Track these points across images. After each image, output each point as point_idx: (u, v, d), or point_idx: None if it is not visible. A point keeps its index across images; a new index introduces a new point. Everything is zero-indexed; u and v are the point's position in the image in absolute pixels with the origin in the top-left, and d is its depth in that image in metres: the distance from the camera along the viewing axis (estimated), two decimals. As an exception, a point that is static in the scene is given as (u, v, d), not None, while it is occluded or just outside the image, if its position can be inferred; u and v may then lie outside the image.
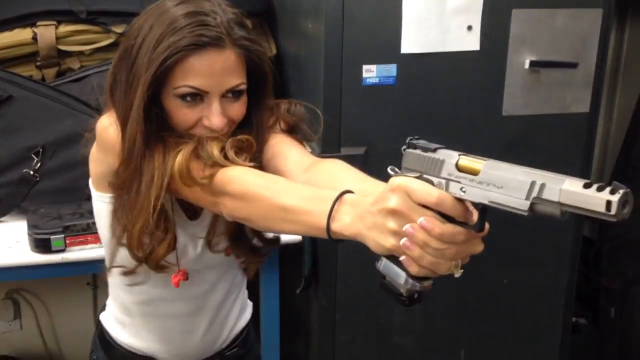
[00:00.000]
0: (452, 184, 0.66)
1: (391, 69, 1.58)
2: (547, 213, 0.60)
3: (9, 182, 1.73)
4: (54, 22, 1.84)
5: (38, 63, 1.84)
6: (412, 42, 1.56)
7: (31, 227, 1.57)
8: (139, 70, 0.93)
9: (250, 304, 1.34)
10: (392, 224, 0.68)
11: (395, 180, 0.68)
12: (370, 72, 1.57)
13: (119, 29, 1.86)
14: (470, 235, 0.68)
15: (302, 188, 0.84)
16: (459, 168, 0.66)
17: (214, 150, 0.92)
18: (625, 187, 0.56)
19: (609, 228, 2.24)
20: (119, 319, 1.22)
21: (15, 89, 1.75)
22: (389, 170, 0.74)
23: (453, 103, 1.64)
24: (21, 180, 1.72)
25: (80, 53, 1.87)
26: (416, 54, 1.57)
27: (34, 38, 1.82)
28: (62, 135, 1.73)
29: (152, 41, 0.92)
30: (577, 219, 1.79)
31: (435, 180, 0.67)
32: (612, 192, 0.55)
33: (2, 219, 1.73)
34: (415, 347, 1.81)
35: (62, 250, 1.55)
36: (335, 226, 0.75)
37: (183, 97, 0.94)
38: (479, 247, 0.71)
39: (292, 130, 1.08)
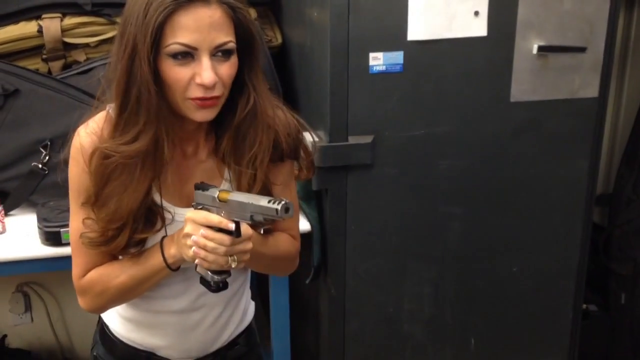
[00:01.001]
0: (216, 210, 1.01)
1: (398, 56, 1.57)
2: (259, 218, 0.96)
3: (17, 176, 1.73)
4: (59, 15, 1.84)
5: (44, 56, 1.84)
6: (418, 28, 1.55)
7: (41, 220, 1.58)
8: (133, 34, 0.96)
9: (252, 303, 1.35)
10: (187, 241, 1.01)
11: (187, 214, 1.02)
12: (377, 60, 1.56)
13: (123, 21, 1.86)
14: (233, 239, 0.98)
15: (133, 262, 1.11)
16: (219, 199, 1.00)
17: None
18: (285, 200, 0.92)
19: (618, 214, 2.23)
20: (120, 314, 1.22)
21: (22, 83, 1.75)
22: (192, 204, 1.07)
23: (460, 90, 1.62)
24: (30, 174, 1.73)
25: (86, 45, 1.86)
26: (423, 40, 1.56)
27: (40, 31, 1.82)
28: (70, 128, 1.70)
29: (142, 7, 0.95)
30: (586, 205, 1.78)
31: (211, 209, 1.02)
32: (278, 203, 0.91)
33: (12, 212, 1.74)
34: (425, 335, 1.81)
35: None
36: (170, 261, 1.07)
37: (174, 56, 0.96)
38: (245, 247, 1.00)
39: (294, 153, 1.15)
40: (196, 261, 1.02)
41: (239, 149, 1.07)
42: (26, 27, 1.83)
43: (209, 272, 1.04)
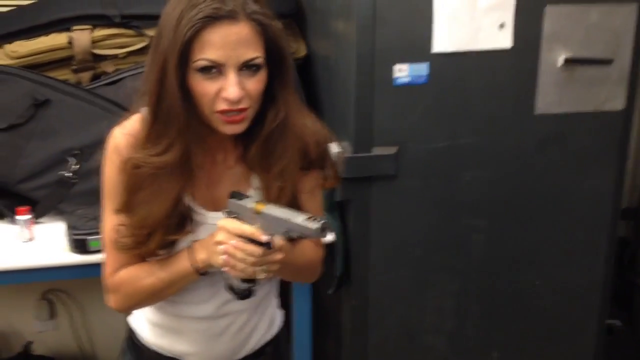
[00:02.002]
0: (249, 219, 1.02)
1: (423, 68, 1.58)
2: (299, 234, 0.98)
3: (47, 184, 1.76)
4: (89, 27, 1.88)
5: (74, 67, 1.88)
6: (443, 40, 1.56)
7: (70, 227, 1.60)
8: (165, 49, 0.98)
9: (280, 312, 1.35)
10: (218, 248, 1.03)
11: (219, 222, 1.04)
12: (402, 72, 1.57)
13: (152, 32, 1.88)
14: (265, 251, 1.00)
15: (162, 264, 1.12)
16: (254, 211, 1.02)
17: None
18: (323, 219, 0.94)
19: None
20: (148, 319, 1.24)
21: (52, 93, 1.78)
22: (221, 213, 1.08)
23: (485, 102, 1.63)
24: (59, 183, 1.75)
25: (115, 57, 1.90)
26: (448, 52, 1.57)
27: (70, 42, 1.86)
28: (99, 137, 1.71)
29: (173, 22, 0.98)
30: (612, 219, 1.77)
31: (245, 219, 1.03)
32: (317, 222, 0.93)
33: (40, 220, 1.77)
34: (448, 348, 1.79)
35: (99, 251, 1.57)
36: (199, 265, 1.09)
37: (202, 70, 0.99)
38: (275, 258, 1.01)
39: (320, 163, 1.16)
40: (224, 269, 1.04)
41: (267, 159, 1.09)
42: (57, 39, 1.87)
43: (236, 280, 1.06)
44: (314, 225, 0.93)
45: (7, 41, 1.88)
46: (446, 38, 1.56)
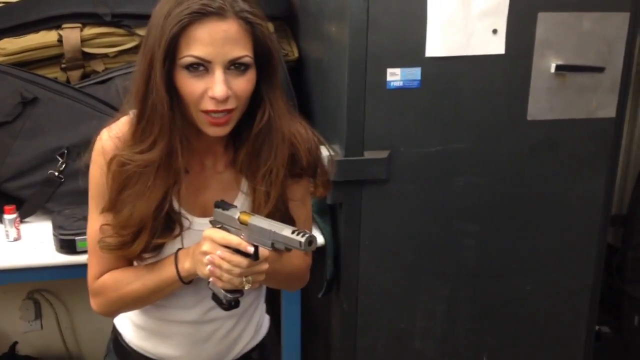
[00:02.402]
0: (235, 230, 1.02)
1: (415, 73, 1.57)
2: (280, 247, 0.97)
3: (34, 183, 1.74)
4: (79, 25, 1.86)
5: (63, 65, 1.86)
6: (436, 45, 1.55)
7: (57, 227, 1.58)
8: (151, 45, 0.97)
9: (267, 317, 1.35)
10: (204, 258, 1.01)
11: (205, 232, 1.02)
12: (395, 76, 1.57)
13: (143, 32, 1.87)
14: (251, 262, 0.99)
15: (147, 270, 1.12)
16: (240, 221, 1.00)
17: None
18: (309, 233, 0.93)
19: (633, 235, 2.21)
20: (133, 321, 1.23)
21: (40, 91, 1.76)
22: (207, 222, 1.08)
23: (477, 107, 1.62)
24: (46, 181, 1.73)
25: (105, 55, 1.88)
26: (441, 57, 1.57)
27: (60, 40, 1.84)
28: (87, 137, 1.67)
29: (161, 18, 0.97)
30: (602, 225, 1.77)
31: (230, 229, 1.03)
32: (302, 235, 0.93)
33: (27, 219, 1.75)
34: (437, 352, 1.79)
35: (87, 251, 1.56)
36: (184, 274, 1.08)
37: (188, 67, 0.97)
38: (261, 268, 1.00)
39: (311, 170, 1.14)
40: (210, 279, 1.03)
41: (255, 162, 1.08)
42: (46, 36, 1.85)
43: (222, 290, 1.04)
44: (300, 238, 0.92)
45: (-5, 38, 1.86)
46: (439, 43, 1.55)
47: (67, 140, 1.74)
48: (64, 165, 1.73)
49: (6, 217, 1.64)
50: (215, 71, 0.97)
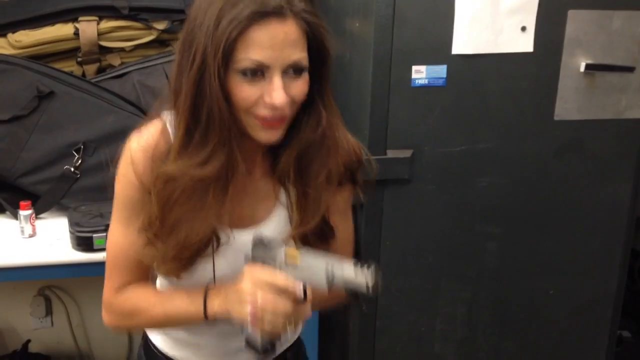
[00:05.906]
0: (282, 270, 0.92)
1: (441, 70, 1.53)
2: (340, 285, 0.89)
3: (49, 179, 1.72)
4: (96, 18, 1.84)
5: (79, 59, 1.84)
6: (463, 42, 1.52)
7: (73, 224, 1.56)
8: (204, 48, 0.89)
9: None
10: (243, 298, 0.93)
11: (246, 269, 0.94)
12: (420, 73, 1.53)
13: (160, 26, 1.84)
14: (298, 303, 0.91)
15: (170, 299, 1.05)
16: (287, 259, 0.92)
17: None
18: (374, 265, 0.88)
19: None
20: (165, 330, 1.18)
21: (56, 85, 1.74)
22: (244, 258, 0.98)
23: (503, 106, 1.58)
24: (62, 177, 1.71)
25: (121, 49, 1.86)
26: (467, 55, 1.53)
27: (76, 34, 1.81)
28: (103, 132, 1.71)
29: (212, 19, 0.88)
30: (627, 229, 1.73)
31: (273, 264, 0.93)
32: (367, 273, 0.87)
33: (42, 215, 1.72)
34: (457, 356, 1.76)
35: (104, 249, 1.53)
36: (210, 313, 1.00)
37: (244, 72, 0.90)
38: (307, 311, 0.94)
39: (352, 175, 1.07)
40: (247, 320, 0.93)
41: (304, 172, 0.99)
42: (62, 29, 1.82)
43: (258, 334, 0.96)
44: (367, 280, 0.83)
45: (11, 30, 1.84)
46: (466, 40, 1.52)
47: (83, 135, 1.72)
48: (79, 161, 1.71)
49: (22, 212, 1.62)
50: (274, 76, 0.90)
